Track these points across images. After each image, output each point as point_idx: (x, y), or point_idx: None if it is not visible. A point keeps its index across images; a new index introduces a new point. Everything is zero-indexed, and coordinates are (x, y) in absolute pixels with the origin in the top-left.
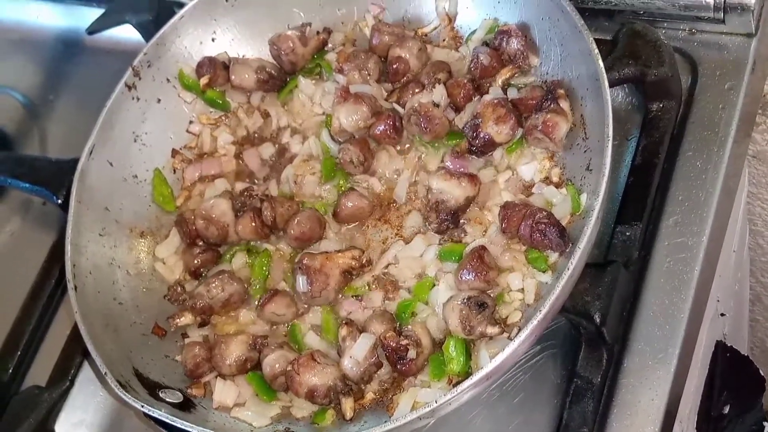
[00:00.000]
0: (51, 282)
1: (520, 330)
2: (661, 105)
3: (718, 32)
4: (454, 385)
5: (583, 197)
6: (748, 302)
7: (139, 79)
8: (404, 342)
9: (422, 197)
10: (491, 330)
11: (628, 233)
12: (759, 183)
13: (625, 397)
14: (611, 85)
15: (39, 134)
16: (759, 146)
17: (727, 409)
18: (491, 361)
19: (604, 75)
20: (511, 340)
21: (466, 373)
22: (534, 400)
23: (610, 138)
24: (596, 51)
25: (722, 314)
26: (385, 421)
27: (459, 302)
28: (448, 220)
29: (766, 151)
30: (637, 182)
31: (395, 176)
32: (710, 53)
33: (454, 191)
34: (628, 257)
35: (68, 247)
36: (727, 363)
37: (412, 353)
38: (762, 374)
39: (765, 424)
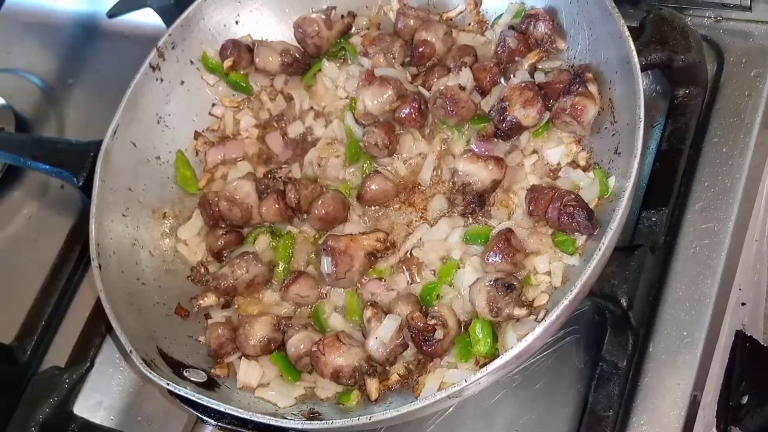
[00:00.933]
0: (70, 265)
1: (547, 312)
2: (687, 91)
3: (744, 20)
4: (482, 366)
5: (611, 180)
6: (765, 294)
7: (164, 60)
8: (431, 322)
9: (447, 180)
10: (518, 312)
11: (654, 218)
12: None
13: (650, 382)
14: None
15: (57, 118)
16: None
17: (745, 399)
18: (520, 342)
19: (636, 57)
20: (539, 321)
21: (493, 355)
22: (557, 385)
23: (642, 119)
24: (627, 33)
25: (743, 303)
26: (412, 402)
27: (486, 284)
28: (474, 202)
29: None
30: (664, 168)
31: (420, 159)
32: (736, 40)
33: (480, 174)
34: (654, 242)
35: (92, 226)
36: (747, 353)
37: (439, 333)
38: None
39: None
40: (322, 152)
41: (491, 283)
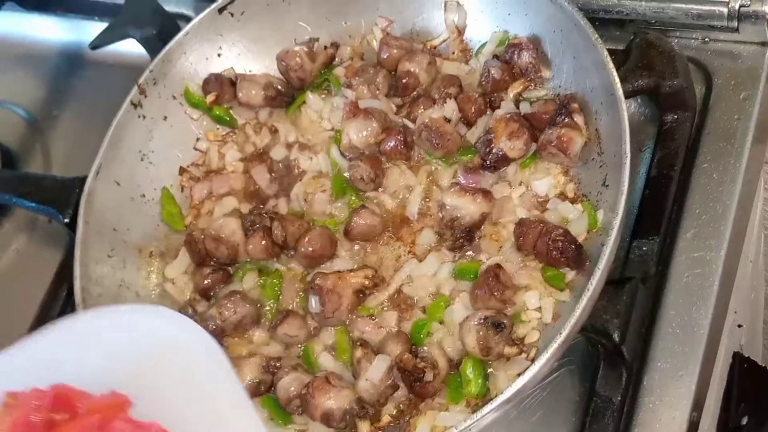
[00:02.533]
0: (59, 302)
1: (539, 350)
2: (675, 116)
3: (732, 41)
4: (473, 408)
5: (600, 213)
6: (762, 308)
7: (145, 96)
8: (421, 365)
9: (435, 214)
10: (509, 350)
11: (645, 248)
12: None
13: (645, 416)
14: (625, 97)
15: (42, 150)
16: None
17: (745, 420)
18: (512, 384)
19: (620, 90)
20: (531, 361)
21: (484, 395)
22: (552, 418)
23: (628, 155)
24: (611, 65)
25: (739, 325)
26: None
27: (475, 323)
28: (464, 237)
29: None
30: (653, 195)
31: (407, 192)
32: (724, 62)
33: (468, 207)
34: (646, 272)
35: (77, 271)
36: (745, 374)
37: (428, 376)
38: None
39: None
40: (308, 187)
41: (481, 321)
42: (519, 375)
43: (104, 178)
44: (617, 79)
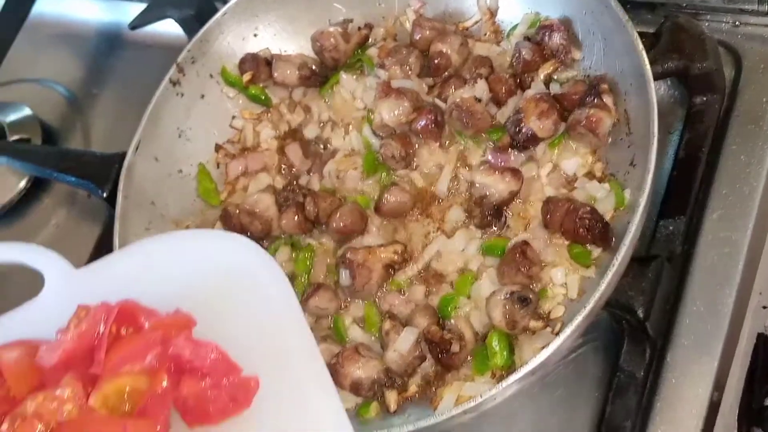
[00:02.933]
0: None
1: (563, 324)
2: (704, 99)
3: (762, 24)
4: (498, 379)
5: (627, 192)
6: None
7: (183, 75)
8: (448, 336)
9: (464, 192)
10: (534, 324)
11: (671, 227)
12: None
13: (668, 392)
14: (655, 79)
15: (82, 127)
16: None
17: None
18: (537, 356)
19: (649, 71)
20: (556, 335)
21: (510, 367)
22: (576, 394)
23: (656, 135)
24: (641, 47)
25: (764, 306)
26: (430, 416)
27: (502, 297)
28: (492, 214)
29: None
30: (681, 176)
31: (437, 171)
32: (754, 46)
33: (497, 186)
34: (672, 251)
35: (116, 242)
36: None
37: (455, 347)
38: None
39: None
40: (340, 164)
41: (507, 296)
42: (543, 348)
43: (143, 153)
44: (647, 61)
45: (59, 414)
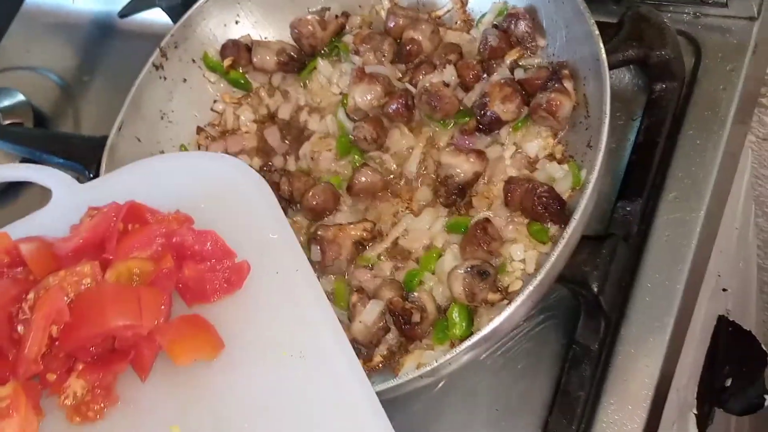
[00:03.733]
0: None
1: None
2: (664, 86)
3: (721, 16)
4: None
5: (583, 172)
6: (756, 282)
7: (166, 59)
8: (409, 306)
9: (432, 173)
10: (492, 297)
11: (628, 208)
12: None
13: (621, 364)
14: (616, 66)
15: (73, 113)
16: None
17: (729, 382)
18: (488, 324)
19: (605, 57)
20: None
21: (468, 338)
22: (537, 367)
23: (608, 116)
24: (597, 32)
25: (724, 289)
26: (389, 379)
27: (462, 271)
28: (456, 193)
29: None
30: (639, 160)
31: (407, 153)
32: (714, 36)
33: (462, 166)
34: (628, 231)
35: None
36: (730, 337)
37: (416, 317)
38: (765, 350)
39: (766, 396)
40: (315, 146)
41: (468, 270)
42: None
43: (126, 134)
44: (602, 48)
45: (79, 285)
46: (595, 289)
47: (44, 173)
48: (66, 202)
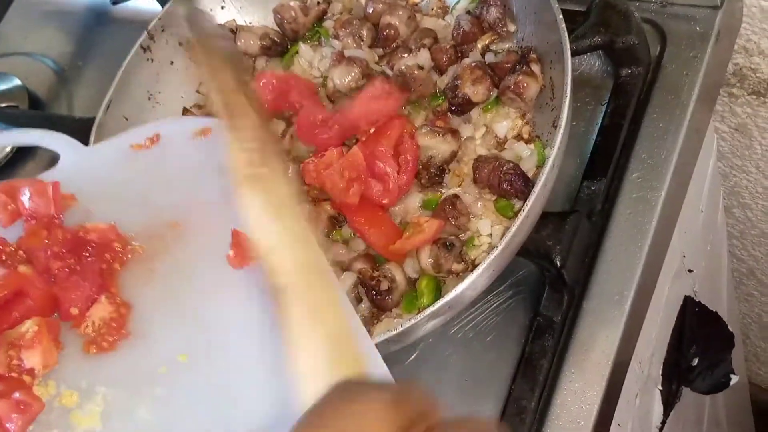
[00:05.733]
0: None
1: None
2: (629, 71)
3: (686, 5)
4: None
5: (548, 151)
6: (726, 270)
7: (154, 42)
8: (377, 274)
9: None
10: (457, 267)
11: (593, 187)
12: (743, 156)
13: (582, 334)
14: (583, 52)
15: (67, 96)
16: (740, 119)
17: (696, 362)
18: (451, 291)
19: (567, 40)
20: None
21: None
22: (504, 339)
23: (568, 95)
24: (561, 17)
25: (690, 270)
26: None
27: (430, 243)
28: (437, 174)
29: (746, 123)
30: (604, 142)
31: None
32: (678, 24)
33: (440, 147)
34: (592, 209)
35: None
36: (697, 318)
37: (384, 285)
38: (731, 331)
39: (732, 376)
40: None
41: (435, 242)
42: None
43: (114, 113)
44: (565, 31)
45: None
46: (558, 263)
47: (52, 137)
48: (73, 162)
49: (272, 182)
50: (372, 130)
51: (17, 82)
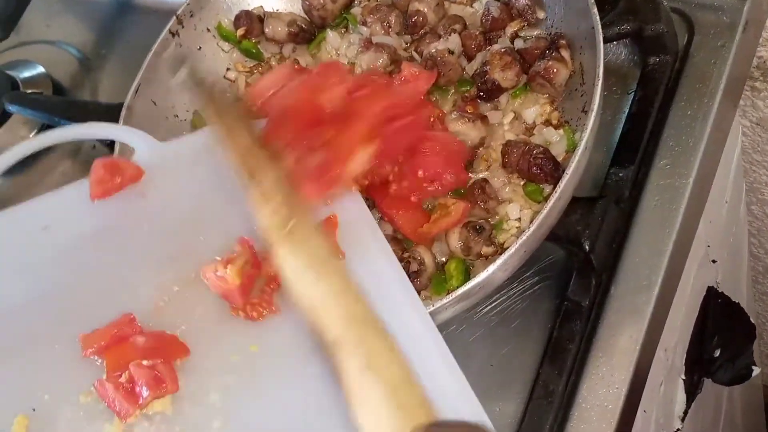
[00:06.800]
0: None
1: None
2: (657, 59)
3: None
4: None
5: (577, 135)
6: (747, 260)
7: (182, 27)
8: (406, 255)
9: None
10: (486, 250)
11: (621, 174)
12: (763, 151)
13: (610, 319)
14: (612, 40)
15: (90, 84)
16: (762, 113)
17: (718, 353)
18: (482, 273)
19: (599, 25)
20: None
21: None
22: (529, 325)
23: (600, 78)
24: (593, 3)
25: (714, 261)
26: None
27: (459, 227)
28: (470, 159)
29: None
30: (632, 129)
31: None
32: (706, 14)
33: (470, 133)
34: (620, 195)
35: None
36: (719, 309)
37: (413, 266)
38: (753, 322)
39: (753, 368)
40: None
41: (464, 225)
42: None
43: (142, 96)
44: (598, 17)
45: None
46: (587, 248)
47: (127, 133)
48: (148, 157)
49: (304, 235)
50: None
51: (41, 69)
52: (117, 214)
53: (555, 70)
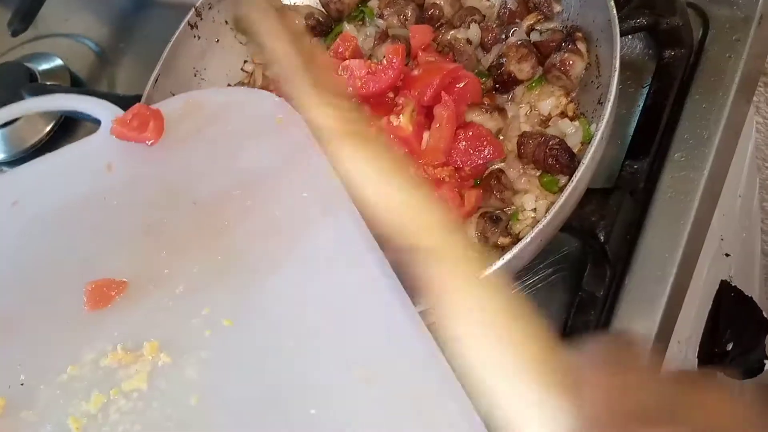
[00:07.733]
0: None
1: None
2: (672, 53)
3: None
4: None
5: (593, 127)
6: (759, 255)
7: (201, 19)
8: None
9: None
10: (503, 240)
11: (635, 166)
12: None
13: (624, 310)
14: (627, 33)
15: (108, 77)
16: None
17: (730, 347)
18: (499, 260)
19: (616, 17)
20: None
21: None
22: (545, 315)
23: (617, 69)
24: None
25: (727, 254)
26: None
27: (477, 216)
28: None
29: None
30: (647, 122)
31: None
32: (721, 8)
33: (487, 124)
34: (635, 187)
35: None
36: (732, 303)
37: None
38: (765, 317)
39: (766, 362)
40: None
41: (481, 215)
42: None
43: (161, 87)
44: (615, 11)
45: None
46: (602, 238)
47: (93, 103)
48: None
49: (372, 142)
50: None
51: (59, 62)
52: (87, 188)
53: (571, 62)
